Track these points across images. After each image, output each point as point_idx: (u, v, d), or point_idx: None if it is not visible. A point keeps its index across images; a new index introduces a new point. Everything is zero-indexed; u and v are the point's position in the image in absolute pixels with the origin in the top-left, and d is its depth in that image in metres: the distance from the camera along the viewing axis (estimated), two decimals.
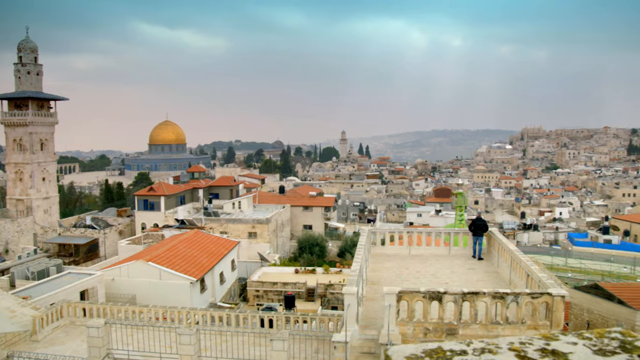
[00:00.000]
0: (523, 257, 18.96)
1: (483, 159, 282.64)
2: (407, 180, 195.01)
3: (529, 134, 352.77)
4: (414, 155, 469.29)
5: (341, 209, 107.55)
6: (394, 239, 26.11)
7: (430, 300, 14.46)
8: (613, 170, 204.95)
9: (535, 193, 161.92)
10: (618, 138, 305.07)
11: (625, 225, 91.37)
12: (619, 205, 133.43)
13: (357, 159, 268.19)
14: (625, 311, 28.97)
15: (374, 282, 20.49)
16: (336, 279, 45.97)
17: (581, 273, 63.98)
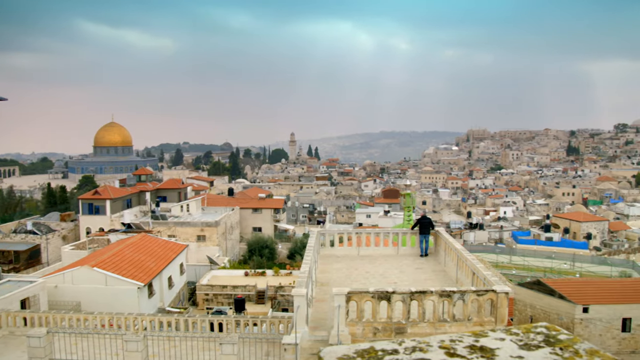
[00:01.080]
0: (469, 255, 19.40)
1: (430, 160, 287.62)
2: (356, 181, 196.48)
3: (474, 136, 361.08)
4: (362, 157, 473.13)
5: (291, 210, 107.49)
6: (343, 240, 26.28)
7: (379, 300, 14.63)
8: (553, 170, 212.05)
9: (480, 193, 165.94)
10: (558, 139, 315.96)
11: (565, 223, 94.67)
12: (559, 204, 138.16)
13: (307, 161, 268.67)
14: (566, 305, 30.06)
15: (323, 283, 20.57)
16: (286, 280, 45.92)
17: (525, 270, 65.85)
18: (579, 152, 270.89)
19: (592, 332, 29.49)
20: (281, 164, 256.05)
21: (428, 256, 24.85)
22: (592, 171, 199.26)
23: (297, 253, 62.14)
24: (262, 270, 50.77)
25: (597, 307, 29.68)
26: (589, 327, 29.43)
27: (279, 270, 50.37)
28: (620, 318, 29.83)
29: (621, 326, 29.84)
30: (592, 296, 30.57)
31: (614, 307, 29.91)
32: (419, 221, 25.02)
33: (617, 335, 29.75)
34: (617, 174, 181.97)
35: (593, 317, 29.53)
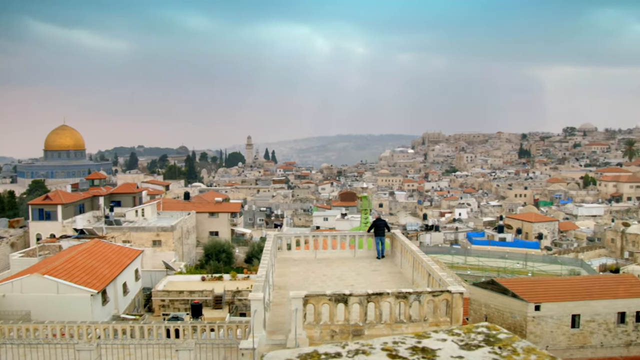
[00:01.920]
0: (424, 257, 19.66)
1: (387, 163, 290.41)
2: (313, 184, 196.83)
3: (429, 139, 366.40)
4: (319, 160, 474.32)
5: (248, 214, 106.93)
6: (300, 244, 26.30)
7: (336, 302, 14.68)
8: (506, 172, 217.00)
9: (436, 195, 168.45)
10: (510, 142, 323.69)
11: (517, 224, 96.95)
12: (512, 205, 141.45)
13: (264, 164, 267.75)
14: (518, 303, 30.79)
15: (281, 287, 20.53)
16: (244, 285, 45.64)
17: (479, 270, 67.15)
18: (530, 154, 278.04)
19: (544, 329, 30.27)
20: (238, 168, 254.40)
21: (384, 258, 25.06)
22: (543, 173, 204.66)
23: (255, 257, 61.78)
24: (219, 274, 50.35)
25: (548, 305, 30.49)
26: (541, 325, 30.19)
27: (237, 275, 50.05)
28: (570, 315, 30.74)
29: (571, 322, 30.74)
30: (543, 294, 31.39)
31: (564, 305, 30.80)
32: (375, 223, 25.24)
33: (567, 331, 30.63)
34: (566, 176, 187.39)
35: (545, 314, 30.31)
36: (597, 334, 30.99)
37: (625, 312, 31.44)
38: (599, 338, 31.03)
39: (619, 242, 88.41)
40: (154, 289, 45.06)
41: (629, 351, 31.33)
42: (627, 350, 31.32)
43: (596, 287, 33.47)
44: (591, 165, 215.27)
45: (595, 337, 30.99)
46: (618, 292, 32.26)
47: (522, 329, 30.24)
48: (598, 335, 31.02)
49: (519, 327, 30.43)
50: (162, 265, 53.01)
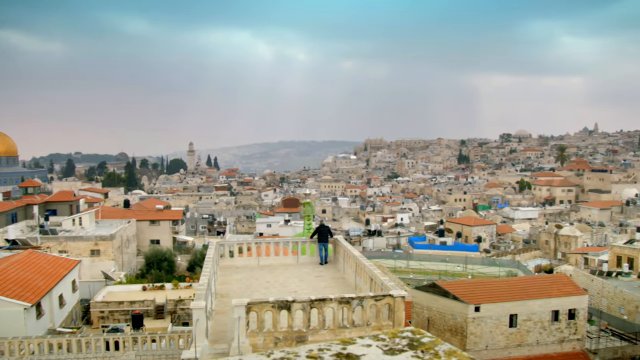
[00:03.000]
0: (367, 262, 19.83)
1: (329, 169, 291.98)
2: (256, 191, 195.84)
3: (371, 145, 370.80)
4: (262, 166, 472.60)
5: (190, 221, 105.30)
6: (243, 251, 26.09)
7: (280, 309, 14.62)
8: (446, 177, 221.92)
9: (378, 201, 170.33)
10: (450, 148, 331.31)
11: (457, 228, 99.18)
12: (452, 209, 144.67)
13: (206, 171, 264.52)
14: (459, 305, 31.48)
15: (223, 294, 20.30)
16: (186, 294, 44.87)
17: (421, 274, 68.29)
18: (469, 160, 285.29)
19: (484, 329, 31.03)
20: (180, 175, 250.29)
21: (328, 264, 25.16)
22: (481, 178, 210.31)
23: (197, 265, 60.87)
24: (160, 284, 49.31)
25: (488, 306, 31.30)
26: (481, 325, 30.94)
27: (179, 283, 49.14)
28: (508, 315, 31.65)
29: (509, 322, 31.64)
30: (482, 296, 32.19)
31: (502, 305, 31.69)
32: (318, 229, 25.34)
33: (506, 331, 31.51)
34: (503, 180, 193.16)
35: (484, 315, 31.09)
36: (533, 332, 32.03)
37: (558, 310, 32.65)
38: (534, 336, 32.07)
39: (553, 244, 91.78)
40: (92, 300, 43.69)
41: (562, 347, 32.55)
42: (560, 347, 32.53)
43: (532, 287, 34.58)
44: (526, 170, 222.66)
45: (532, 335, 32.02)
46: (552, 292, 33.45)
47: (463, 330, 30.93)
48: (534, 333, 32.06)
49: (460, 329, 31.10)
50: (101, 276, 51.51)
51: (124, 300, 43.12)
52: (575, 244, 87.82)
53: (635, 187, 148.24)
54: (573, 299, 33.24)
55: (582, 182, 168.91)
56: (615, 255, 62.09)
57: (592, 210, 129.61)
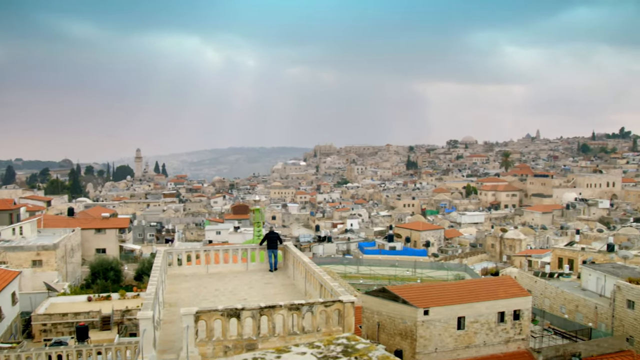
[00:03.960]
0: (316, 268, 19.85)
1: (279, 176, 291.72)
2: (205, 198, 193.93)
3: (321, 151, 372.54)
4: (211, 173, 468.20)
5: (137, 229, 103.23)
6: (192, 258, 25.73)
7: (229, 317, 14.46)
8: (395, 183, 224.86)
9: (328, 207, 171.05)
10: (398, 154, 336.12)
11: (406, 233, 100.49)
12: (401, 214, 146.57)
13: (154, 178, 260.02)
14: (409, 309, 31.85)
15: (171, 303, 19.97)
16: (133, 303, 43.89)
17: (371, 279, 68.81)
18: (417, 166, 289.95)
19: (433, 332, 31.49)
20: (127, 182, 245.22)
21: (277, 271, 25.09)
22: (429, 183, 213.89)
23: (145, 274, 59.63)
24: (107, 294, 48.09)
25: (436, 309, 31.78)
26: (430, 328, 31.39)
27: (126, 293, 48.02)
28: (456, 317, 32.23)
29: (457, 324, 32.23)
30: (431, 299, 32.67)
31: (451, 308, 32.24)
32: (267, 236, 25.28)
33: (454, 333, 32.08)
34: (450, 186, 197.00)
35: (433, 318, 31.56)
36: (480, 333, 32.72)
37: (504, 311, 33.46)
38: (482, 337, 32.78)
39: (498, 247, 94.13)
40: (33, 313, 42.17)
41: (508, 347, 33.37)
42: (506, 347, 33.34)
43: (479, 290, 35.31)
44: (472, 175, 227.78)
45: (479, 336, 32.70)
46: (498, 294, 34.26)
47: (413, 333, 31.31)
48: (481, 334, 32.75)
49: (410, 332, 31.48)
50: (44, 287, 49.78)
51: (68, 311, 41.81)
52: (519, 246, 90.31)
53: (575, 192, 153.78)
54: (518, 300, 34.12)
55: (525, 187, 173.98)
56: (557, 257, 64.16)
57: (534, 214, 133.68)
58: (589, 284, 49.81)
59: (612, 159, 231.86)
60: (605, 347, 34.44)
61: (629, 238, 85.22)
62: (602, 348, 34.33)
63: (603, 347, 34.41)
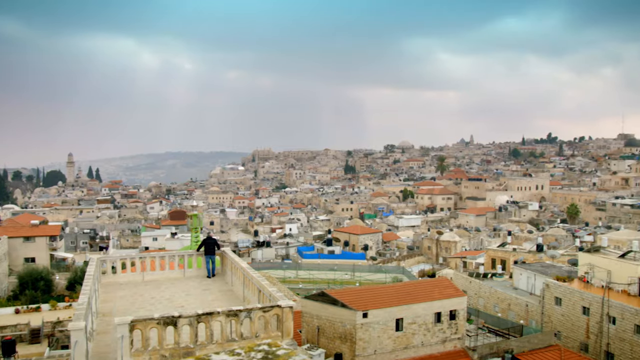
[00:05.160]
0: (254, 273, 19.73)
1: (217, 180, 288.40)
2: (141, 203, 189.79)
3: (259, 156, 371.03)
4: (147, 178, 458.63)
5: (69, 237, 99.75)
6: (127, 266, 25.08)
7: (165, 325, 14.18)
8: (333, 187, 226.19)
9: (267, 211, 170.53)
10: (336, 159, 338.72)
11: (345, 237, 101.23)
12: (339, 218, 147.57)
13: (87, 183, 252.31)
14: (348, 313, 32.08)
15: (105, 313, 19.41)
16: (65, 314, 42.31)
17: (310, 283, 68.87)
18: (355, 170, 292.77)
19: (372, 334, 31.82)
20: (58, 187, 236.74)
21: (215, 277, 24.80)
22: (367, 188, 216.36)
23: (78, 283, 57.65)
24: (36, 305, 46.17)
25: (375, 312, 32.14)
26: (369, 331, 31.71)
27: (57, 304, 46.28)
28: (394, 319, 32.70)
29: (395, 326, 32.69)
30: (370, 302, 33.02)
31: (389, 310, 32.68)
32: (205, 242, 24.96)
33: (392, 335, 32.52)
34: (388, 190, 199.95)
35: (372, 321, 31.89)
36: (418, 334, 33.31)
37: (441, 312, 34.21)
38: (419, 338, 33.37)
39: (435, 249, 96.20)
40: None
41: (444, 347, 34.12)
42: (443, 346, 34.08)
43: (416, 291, 35.96)
44: (409, 179, 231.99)
45: (417, 337, 33.28)
46: (434, 295, 34.99)
47: (352, 336, 31.53)
48: (419, 335, 33.35)
49: (349, 335, 31.70)
50: None
51: None
52: (454, 248, 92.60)
53: (506, 194, 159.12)
54: (454, 300, 34.96)
55: (460, 190, 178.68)
56: (490, 257, 66.17)
57: (469, 216, 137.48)
58: (520, 283, 51.64)
59: (541, 163, 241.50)
60: (535, 343, 35.80)
61: (557, 238, 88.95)
62: (532, 344, 35.66)
63: (533, 343, 35.76)
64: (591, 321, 41.15)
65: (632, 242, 55.15)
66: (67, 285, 61.85)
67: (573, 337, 42.74)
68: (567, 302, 43.49)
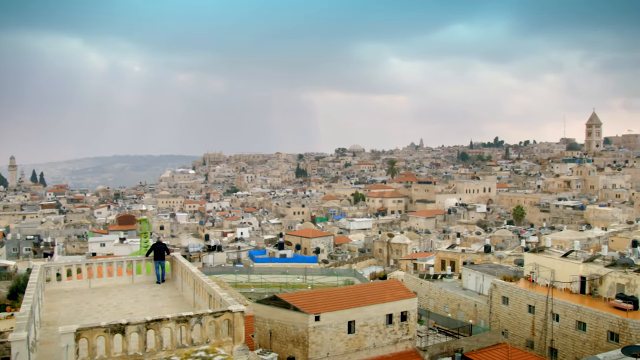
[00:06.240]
0: (205, 278, 19.47)
1: (167, 184, 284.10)
2: (88, 208, 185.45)
3: (210, 159, 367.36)
4: (95, 182, 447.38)
5: (11, 244, 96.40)
6: (73, 273, 24.36)
7: (113, 333, 13.83)
8: (285, 191, 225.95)
9: (218, 215, 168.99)
10: (288, 162, 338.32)
11: (296, 240, 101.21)
12: (291, 222, 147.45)
13: (30, 188, 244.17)
14: (300, 316, 32.01)
15: (49, 322, 18.78)
16: (6, 325, 40.71)
17: (262, 287, 68.52)
18: (306, 173, 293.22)
19: (324, 337, 31.84)
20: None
21: (165, 282, 24.37)
22: (318, 191, 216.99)
23: (20, 292, 55.66)
24: None
25: (327, 315, 32.17)
26: (322, 334, 31.71)
27: None
28: (346, 321, 32.81)
29: (347, 328, 32.81)
30: (322, 305, 33.04)
31: (341, 313, 32.76)
32: (154, 247, 24.52)
33: (345, 337, 32.62)
34: (339, 193, 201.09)
35: (324, 324, 31.91)
36: (370, 336, 33.52)
37: (392, 313, 34.52)
38: (372, 340, 33.58)
39: (386, 252, 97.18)
40: None
41: (396, 348, 34.45)
42: (395, 347, 34.40)
43: (368, 293, 36.18)
44: (360, 183, 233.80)
45: (369, 339, 33.48)
46: (386, 297, 35.28)
47: (305, 339, 31.47)
48: (371, 337, 33.56)
49: (302, 339, 31.62)
50: None
51: None
52: (405, 250, 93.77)
53: (455, 197, 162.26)
54: (405, 302, 35.33)
55: (410, 193, 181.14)
56: (440, 259, 67.29)
57: (419, 219, 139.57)
58: (469, 284, 52.70)
59: (488, 166, 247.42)
60: (484, 342, 36.54)
61: (503, 239, 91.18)
62: (481, 342, 36.39)
63: (482, 342, 36.49)
64: (536, 319, 42.34)
65: (574, 242, 57.12)
66: (8, 294, 59.65)
67: (519, 335, 43.88)
68: (514, 301, 44.61)
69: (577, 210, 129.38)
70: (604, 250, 48.98)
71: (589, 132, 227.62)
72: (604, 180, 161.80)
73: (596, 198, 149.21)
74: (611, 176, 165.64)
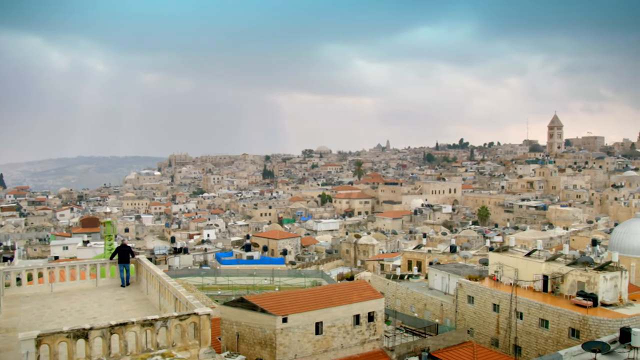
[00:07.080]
0: (170, 281, 19.24)
1: (132, 186, 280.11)
2: (50, 211, 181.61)
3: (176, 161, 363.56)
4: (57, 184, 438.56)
5: None
6: (33, 277, 23.77)
7: (76, 339, 13.55)
8: (252, 192, 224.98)
9: (184, 217, 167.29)
10: (255, 164, 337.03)
11: (263, 242, 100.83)
12: (258, 224, 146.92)
13: None
14: (267, 318, 31.88)
15: (9, 329, 18.29)
16: None
17: (229, 289, 68.01)
18: (273, 175, 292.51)
19: (292, 339, 31.76)
20: None
21: (130, 285, 24.00)
22: (285, 192, 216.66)
23: None
24: None
25: (295, 316, 32.09)
26: (289, 335, 31.63)
27: None
28: (314, 323, 32.78)
29: (315, 330, 32.79)
30: (289, 307, 32.95)
31: (308, 314, 32.73)
32: (118, 250, 24.14)
33: (312, 338, 32.59)
34: (306, 194, 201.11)
35: (291, 325, 31.83)
36: (337, 337, 33.55)
37: (359, 314, 34.63)
38: (339, 340, 33.63)
39: (353, 252, 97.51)
40: None
41: (364, 348, 34.57)
42: (362, 348, 34.52)
43: (335, 295, 36.22)
44: (327, 184, 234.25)
45: (336, 340, 33.52)
46: (353, 298, 35.38)
47: (272, 341, 31.34)
48: (338, 338, 33.60)
49: (270, 340, 31.48)
50: None
51: None
52: (372, 251, 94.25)
53: (421, 198, 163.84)
54: (372, 302, 35.48)
55: (377, 194, 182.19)
56: (407, 259, 67.80)
57: (386, 219, 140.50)
58: (435, 283, 53.22)
59: (453, 167, 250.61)
60: (450, 340, 36.96)
61: (469, 239, 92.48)
62: (447, 341, 36.80)
63: (448, 341, 36.91)
64: (501, 317, 43.02)
65: (536, 241, 58.27)
66: None
67: (485, 333, 44.52)
68: (479, 300, 45.24)
69: (540, 210, 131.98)
70: (566, 249, 50.11)
71: (550, 134, 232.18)
72: (565, 181, 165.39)
73: (558, 198, 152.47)
74: (572, 177, 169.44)
